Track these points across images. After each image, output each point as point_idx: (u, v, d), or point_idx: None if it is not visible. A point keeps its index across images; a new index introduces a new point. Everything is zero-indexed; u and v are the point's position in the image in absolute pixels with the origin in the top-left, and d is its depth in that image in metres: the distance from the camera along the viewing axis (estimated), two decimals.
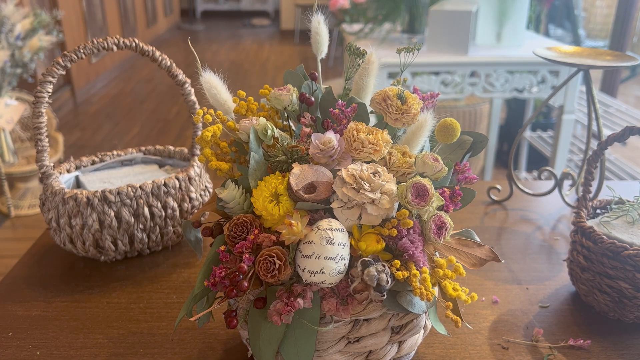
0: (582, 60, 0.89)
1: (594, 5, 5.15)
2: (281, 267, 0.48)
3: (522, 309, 0.72)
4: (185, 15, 8.62)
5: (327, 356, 0.53)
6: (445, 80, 1.99)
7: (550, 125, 3.08)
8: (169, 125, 4.09)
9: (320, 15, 0.62)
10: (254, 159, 0.53)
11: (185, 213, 0.84)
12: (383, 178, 0.50)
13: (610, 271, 0.67)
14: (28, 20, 2.75)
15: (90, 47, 0.76)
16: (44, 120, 0.77)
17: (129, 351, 0.65)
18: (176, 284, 0.78)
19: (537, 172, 2.72)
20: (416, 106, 0.56)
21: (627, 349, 0.65)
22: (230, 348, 0.65)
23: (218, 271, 0.49)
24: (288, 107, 0.58)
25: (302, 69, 0.63)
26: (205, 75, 0.58)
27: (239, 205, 0.54)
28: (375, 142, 0.53)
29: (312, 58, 5.72)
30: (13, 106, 2.65)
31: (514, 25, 2.12)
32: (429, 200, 0.50)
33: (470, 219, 0.96)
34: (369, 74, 0.59)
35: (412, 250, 0.50)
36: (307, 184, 0.50)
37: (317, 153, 0.52)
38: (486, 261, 0.57)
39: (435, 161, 0.52)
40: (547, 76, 2.00)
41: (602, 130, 0.91)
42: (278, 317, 0.49)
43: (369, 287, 0.48)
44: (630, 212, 0.72)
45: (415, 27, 2.21)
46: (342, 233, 0.49)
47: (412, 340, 0.58)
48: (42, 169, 0.80)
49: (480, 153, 1.78)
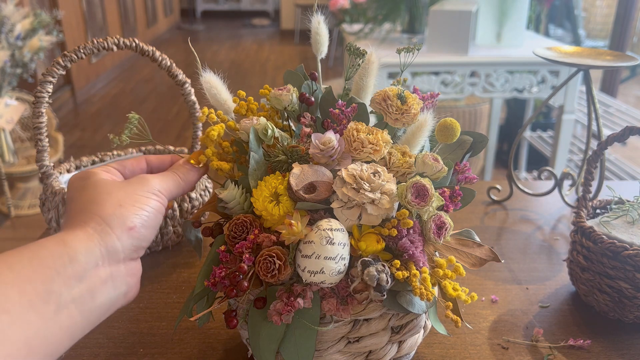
0: (582, 60, 0.89)
1: (594, 5, 5.15)
2: (281, 267, 0.48)
3: (522, 309, 0.72)
4: (185, 15, 8.63)
5: (327, 356, 0.53)
6: (445, 80, 1.99)
7: (550, 125, 3.08)
8: (169, 125, 4.09)
9: (320, 15, 0.62)
10: (254, 159, 0.53)
11: (185, 213, 0.84)
12: (383, 178, 0.50)
13: (610, 271, 0.67)
14: (28, 20, 2.75)
15: (90, 47, 0.76)
16: (44, 120, 0.77)
17: (129, 351, 0.65)
18: (176, 284, 0.78)
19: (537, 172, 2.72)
20: (416, 106, 0.56)
21: (627, 349, 0.65)
22: (230, 348, 0.65)
23: (218, 271, 0.49)
24: (288, 107, 0.58)
25: (302, 69, 0.63)
26: (205, 75, 0.58)
27: (239, 205, 0.54)
28: (375, 142, 0.53)
29: (312, 58, 5.72)
30: (13, 106, 2.65)
31: (514, 25, 2.13)
32: (429, 200, 0.50)
33: (470, 219, 0.96)
34: (369, 74, 0.59)
35: (412, 250, 0.50)
36: (307, 184, 0.50)
37: (317, 153, 0.52)
38: (486, 261, 0.57)
39: (435, 161, 0.52)
40: (547, 76, 2.00)
41: (602, 130, 0.91)
42: (278, 317, 0.49)
43: (369, 287, 0.48)
44: (630, 212, 0.72)
45: (415, 27, 2.21)
46: (342, 233, 0.49)
47: (412, 340, 0.58)
48: (42, 169, 0.80)
49: (480, 153, 1.78)
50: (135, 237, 0.43)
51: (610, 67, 0.86)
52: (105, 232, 0.41)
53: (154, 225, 0.46)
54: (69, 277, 0.38)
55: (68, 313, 0.37)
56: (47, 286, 0.36)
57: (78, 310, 0.38)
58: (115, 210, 0.43)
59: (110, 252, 0.41)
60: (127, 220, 0.43)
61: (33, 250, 0.38)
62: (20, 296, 0.35)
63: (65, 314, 0.37)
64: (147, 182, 0.47)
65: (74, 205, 0.44)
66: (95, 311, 0.40)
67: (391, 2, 2.18)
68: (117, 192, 0.44)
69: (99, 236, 0.41)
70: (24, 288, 0.35)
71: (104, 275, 0.41)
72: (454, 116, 0.72)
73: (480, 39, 2.18)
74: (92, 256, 0.40)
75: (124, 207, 0.43)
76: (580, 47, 0.95)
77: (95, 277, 0.40)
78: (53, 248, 0.38)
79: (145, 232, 0.44)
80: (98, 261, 0.40)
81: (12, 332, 0.33)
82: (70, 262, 0.38)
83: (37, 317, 0.35)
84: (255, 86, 4.82)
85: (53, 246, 0.39)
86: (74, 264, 0.38)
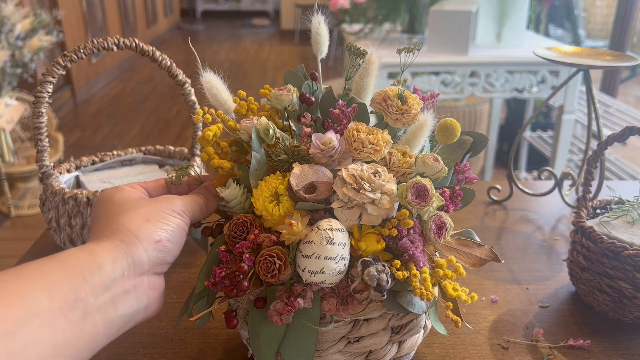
0: (582, 60, 0.89)
1: (594, 5, 5.15)
2: (281, 267, 0.48)
3: (522, 309, 0.72)
4: (186, 15, 8.63)
5: (327, 356, 0.53)
6: (445, 80, 1.99)
7: (550, 125, 3.08)
8: (169, 125, 4.09)
9: (320, 15, 0.62)
10: (255, 159, 0.53)
11: None
12: (383, 178, 0.50)
13: (610, 271, 0.67)
14: (28, 20, 2.75)
15: (90, 47, 0.76)
16: (44, 120, 0.77)
17: (129, 351, 0.65)
18: (176, 284, 0.78)
19: (537, 172, 2.72)
20: (416, 106, 0.56)
21: (627, 349, 0.65)
22: (230, 348, 0.65)
23: (218, 271, 0.49)
24: (288, 107, 0.58)
25: (302, 69, 0.63)
26: (205, 76, 0.58)
27: (240, 205, 0.54)
28: (375, 142, 0.53)
29: (312, 58, 5.72)
30: (13, 106, 2.65)
31: (514, 25, 2.13)
32: (429, 200, 0.50)
33: (470, 219, 0.96)
34: (370, 74, 0.59)
35: (412, 250, 0.50)
36: (308, 184, 0.50)
37: (318, 153, 0.52)
38: (486, 261, 0.57)
39: (435, 161, 0.52)
40: (547, 76, 2.00)
41: (602, 130, 0.91)
42: (278, 317, 0.49)
43: (369, 287, 0.48)
44: (630, 212, 0.72)
45: (415, 27, 2.21)
46: (342, 233, 0.49)
47: (412, 340, 0.58)
48: (42, 169, 0.80)
49: (480, 153, 1.78)
50: (161, 250, 0.45)
51: (610, 67, 0.86)
52: (132, 243, 0.43)
53: (179, 242, 0.47)
54: (96, 286, 0.39)
55: (92, 321, 0.38)
56: (75, 293, 0.37)
57: (101, 320, 0.39)
58: (142, 224, 0.44)
59: (137, 263, 0.42)
60: (153, 234, 0.44)
61: (61, 259, 0.39)
62: (51, 302, 0.35)
63: (90, 322, 0.38)
64: (173, 201, 0.49)
65: (101, 219, 0.46)
66: (117, 321, 0.41)
67: (391, 2, 2.18)
68: (144, 208, 0.46)
69: (126, 247, 0.42)
70: (53, 294, 0.36)
71: (128, 285, 0.42)
72: (453, 116, 0.72)
73: (480, 39, 2.18)
74: (119, 266, 0.41)
75: (150, 222, 0.45)
76: (580, 47, 0.95)
77: (119, 286, 0.41)
78: (81, 257, 0.39)
79: (170, 246, 0.46)
80: (124, 271, 0.41)
81: (43, 335, 0.34)
82: (98, 270, 0.39)
83: (66, 323, 0.36)
84: (255, 86, 4.82)
85: (81, 255, 0.40)
86: (101, 273, 0.39)
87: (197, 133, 0.91)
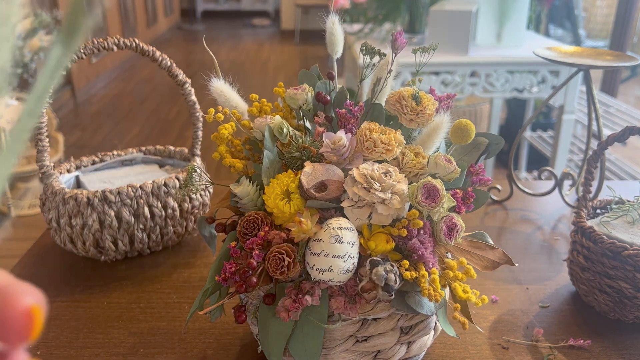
0: (582, 60, 0.89)
1: (594, 5, 5.15)
2: (290, 264, 0.49)
3: (522, 309, 0.72)
4: (186, 15, 8.62)
5: (335, 354, 0.53)
6: (445, 80, 1.99)
7: (550, 125, 3.08)
8: (169, 125, 4.09)
9: (334, 15, 0.62)
10: (268, 157, 0.54)
11: (186, 213, 0.84)
12: (394, 178, 0.50)
13: (610, 271, 0.67)
14: (28, 20, 2.75)
15: (90, 47, 0.76)
16: (44, 120, 0.77)
17: (129, 351, 0.65)
18: (176, 284, 0.78)
19: (537, 172, 2.72)
20: (431, 107, 0.55)
21: (627, 349, 0.65)
22: (231, 348, 0.65)
23: (228, 267, 0.49)
24: (303, 106, 0.59)
25: (316, 69, 0.64)
26: (214, 84, 0.59)
27: (252, 202, 0.54)
28: (387, 142, 0.53)
29: (312, 58, 5.72)
30: (13, 106, 2.66)
31: (514, 25, 2.12)
32: (440, 201, 0.49)
33: (470, 219, 0.96)
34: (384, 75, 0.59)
35: (422, 251, 0.50)
36: (318, 183, 0.51)
37: (328, 151, 0.52)
38: (499, 264, 0.56)
39: (448, 162, 0.52)
40: (547, 76, 2.00)
41: (602, 130, 0.91)
42: (286, 314, 0.49)
43: (377, 286, 0.48)
44: (630, 212, 0.72)
45: (415, 27, 2.21)
46: (351, 232, 0.49)
47: (422, 342, 0.57)
48: (42, 169, 0.80)
49: None
50: None
51: (610, 67, 0.86)
52: None
53: None
54: None
55: None
56: None
57: None
58: None
59: None
60: None
61: None
62: None
63: None
64: None
65: None
66: None
67: (391, 2, 2.18)
68: None
69: None
70: None
71: None
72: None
73: (481, 39, 2.17)
74: None
75: None
76: (580, 47, 0.95)
77: None
78: None
79: None
80: None
81: None
82: None
83: None
84: (256, 86, 4.82)
85: None
86: None
87: (198, 133, 0.91)
